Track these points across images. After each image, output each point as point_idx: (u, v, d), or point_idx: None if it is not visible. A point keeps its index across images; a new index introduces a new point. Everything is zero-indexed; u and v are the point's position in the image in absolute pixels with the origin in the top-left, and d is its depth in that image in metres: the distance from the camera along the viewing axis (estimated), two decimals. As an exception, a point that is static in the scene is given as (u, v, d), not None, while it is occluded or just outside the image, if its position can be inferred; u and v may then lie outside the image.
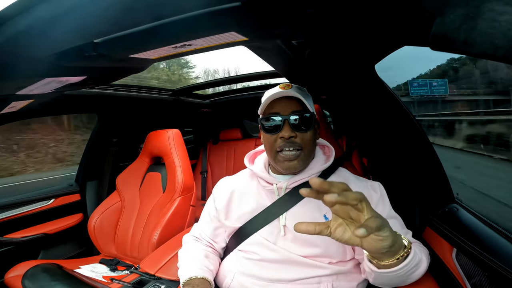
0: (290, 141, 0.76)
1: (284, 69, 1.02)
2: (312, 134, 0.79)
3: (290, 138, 0.76)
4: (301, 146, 0.77)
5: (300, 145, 0.77)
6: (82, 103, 1.56)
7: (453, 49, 0.33)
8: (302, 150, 0.77)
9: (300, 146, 0.77)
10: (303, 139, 0.77)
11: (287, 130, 0.76)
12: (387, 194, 0.82)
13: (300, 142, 0.77)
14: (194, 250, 0.88)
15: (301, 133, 0.77)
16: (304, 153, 0.78)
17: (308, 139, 0.78)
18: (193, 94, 2.28)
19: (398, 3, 0.40)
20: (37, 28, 0.45)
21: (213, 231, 0.91)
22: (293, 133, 0.76)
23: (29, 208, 1.57)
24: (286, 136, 0.76)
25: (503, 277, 0.64)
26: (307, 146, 0.78)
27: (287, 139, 0.76)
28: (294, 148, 0.76)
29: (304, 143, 0.77)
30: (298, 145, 0.77)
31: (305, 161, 0.80)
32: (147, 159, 1.66)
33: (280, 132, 0.77)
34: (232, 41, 0.58)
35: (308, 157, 0.80)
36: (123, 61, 0.69)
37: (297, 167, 0.78)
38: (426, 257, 0.72)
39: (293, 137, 0.76)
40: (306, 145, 0.78)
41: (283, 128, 0.77)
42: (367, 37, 0.64)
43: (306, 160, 0.80)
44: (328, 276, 0.73)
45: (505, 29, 0.25)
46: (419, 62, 7.26)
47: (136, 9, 0.42)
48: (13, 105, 0.92)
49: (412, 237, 0.77)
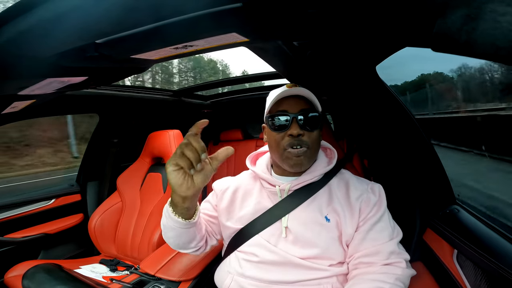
0: (298, 139, 0.77)
1: (285, 70, 1.02)
2: (318, 133, 0.80)
3: (298, 136, 0.77)
4: (308, 145, 0.77)
5: (307, 143, 0.77)
6: (84, 103, 1.56)
7: (455, 50, 0.33)
8: (309, 148, 0.78)
9: (307, 145, 0.77)
10: (310, 137, 0.78)
11: (295, 128, 0.77)
12: (388, 196, 0.81)
13: (307, 141, 0.77)
14: None
15: (308, 132, 0.78)
16: (310, 151, 0.78)
17: (314, 138, 0.79)
18: (194, 94, 2.28)
19: (400, 4, 0.40)
20: (39, 29, 0.45)
21: (213, 220, 0.94)
22: (301, 131, 0.77)
23: (30, 208, 1.57)
24: (294, 134, 0.76)
25: (504, 278, 0.64)
26: (313, 145, 0.79)
27: (295, 136, 0.76)
28: (302, 146, 0.77)
29: (311, 141, 0.78)
30: (306, 143, 0.77)
31: (310, 159, 0.80)
32: (148, 159, 1.66)
33: (289, 130, 0.77)
34: (233, 42, 0.58)
35: (313, 156, 0.81)
36: (125, 62, 0.69)
37: (303, 163, 0.78)
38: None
39: (301, 135, 0.77)
40: (313, 144, 0.78)
41: (292, 126, 0.77)
42: (368, 38, 0.64)
43: (311, 159, 0.80)
44: (327, 278, 0.73)
45: (506, 30, 0.25)
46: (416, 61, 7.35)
47: (138, 10, 0.42)
48: (15, 105, 0.92)
49: (400, 247, 0.75)
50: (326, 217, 0.77)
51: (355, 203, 0.77)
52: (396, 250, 0.73)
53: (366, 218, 0.75)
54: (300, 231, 0.76)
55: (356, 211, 0.76)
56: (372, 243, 0.72)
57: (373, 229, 0.74)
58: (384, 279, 0.67)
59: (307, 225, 0.77)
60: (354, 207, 0.76)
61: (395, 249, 0.72)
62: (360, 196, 0.78)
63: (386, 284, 0.66)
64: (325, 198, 0.79)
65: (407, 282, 0.71)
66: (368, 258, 0.71)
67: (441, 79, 7.42)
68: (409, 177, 1.13)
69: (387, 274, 0.68)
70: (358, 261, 0.72)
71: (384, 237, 0.73)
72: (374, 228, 0.74)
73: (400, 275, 0.69)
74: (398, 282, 0.67)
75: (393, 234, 0.75)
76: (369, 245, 0.72)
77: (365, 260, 0.71)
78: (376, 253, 0.71)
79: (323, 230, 0.75)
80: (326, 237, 0.75)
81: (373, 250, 0.72)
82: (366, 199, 0.77)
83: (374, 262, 0.71)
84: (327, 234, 0.75)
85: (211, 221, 0.94)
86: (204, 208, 0.96)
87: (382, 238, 0.73)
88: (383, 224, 0.75)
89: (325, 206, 0.78)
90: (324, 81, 1.04)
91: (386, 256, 0.71)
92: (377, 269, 0.69)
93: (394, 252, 0.72)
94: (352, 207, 0.76)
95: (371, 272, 0.69)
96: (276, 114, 0.80)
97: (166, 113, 2.24)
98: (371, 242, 0.73)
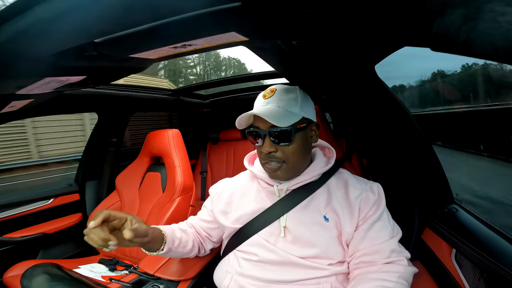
0: (271, 156, 0.76)
1: (284, 69, 1.02)
2: (296, 146, 0.77)
3: (270, 154, 0.76)
4: (283, 160, 0.76)
5: (281, 159, 0.76)
6: (83, 102, 1.55)
7: (453, 50, 0.33)
8: (285, 162, 0.77)
9: (282, 160, 0.76)
10: (285, 152, 0.76)
11: (266, 146, 0.76)
12: (387, 195, 0.82)
13: (280, 156, 0.76)
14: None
15: (283, 146, 0.76)
16: (287, 165, 0.77)
17: (290, 152, 0.76)
18: (193, 94, 2.28)
19: (399, 3, 0.40)
20: (37, 28, 0.45)
21: (208, 224, 0.97)
22: (273, 147, 0.76)
23: (28, 208, 1.56)
24: (265, 152, 0.76)
25: (502, 278, 0.64)
26: (289, 159, 0.77)
27: (267, 154, 0.76)
28: (276, 162, 0.76)
29: (286, 156, 0.76)
30: (279, 159, 0.76)
31: (290, 171, 0.79)
32: (146, 159, 1.66)
33: (262, 146, 0.77)
34: (232, 41, 0.58)
35: (294, 168, 0.79)
36: (123, 61, 0.69)
37: (280, 177, 0.79)
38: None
39: (273, 152, 0.76)
40: (289, 158, 0.77)
41: (264, 143, 0.77)
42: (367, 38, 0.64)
43: (292, 170, 0.79)
44: (327, 277, 0.73)
45: (505, 30, 0.25)
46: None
47: (137, 9, 0.42)
48: (13, 104, 0.91)
49: (401, 246, 0.75)
50: (325, 217, 0.77)
51: (355, 202, 0.77)
52: (397, 248, 0.73)
53: (365, 217, 0.75)
54: (299, 230, 0.77)
55: (355, 210, 0.76)
56: (372, 242, 0.73)
57: (372, 228, 0.74)
58: (387, 277, 0.67)
59: (306, 224, 0.77)
60: (353, 206, 0.76)
61: (396, 247, 0.73)
62: (359, 195, 0.78)
63: (389, 283, 0.66)
64: (323, 197, 0.79)
65: (410, 279, 0.71)
66: (369, 257, 0.71)
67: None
68: (407, 177, 1.13)
69: (389, 272, 0.68)
70: (359, 261, 0.72)
71: (384, 235, 0.73)
72: (374, 227, 0.74)
73: (402, 273, 0.69)
74: (401, 280, 0.67)
75: (393, 232, 0.75)
76: (370, 244, 0.73)
77: (366, 259, 0.71)
78: (376, 251, 0.71)
79: (322, 230, 0.75)
80: (325, 236, 0.75)
81: (373, 249, 0.72)
82: (365, 198, 0.77)
83: (375, 261, 0.71)
84: (326, 234, 0.75)
85: (207, 227, 0.96)
86: (200, 214, 1.01)
87: (382, 237, 0.73)
88: (382, 223, 0.76)
89: (324, 205, 0.78)
90: (323, 81, 1.04)
91: (387, 254, 0.71)
92: (378, 268, 0.70)
93: (394, 250, 0.72)
94: (351, 207, 0.77)
95: (373, 271, 0.69)
96: (251, 130, 0.80)
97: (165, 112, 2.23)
98: (371, 241, 0.73)
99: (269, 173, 0.80)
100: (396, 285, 0.66)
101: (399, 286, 0.67)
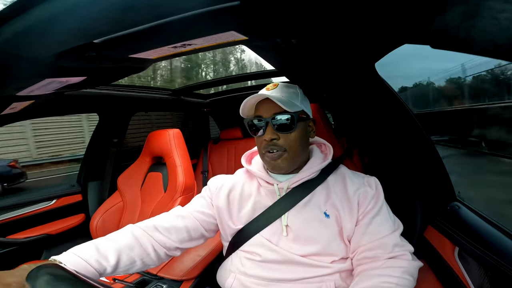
0: (273, 143, 0.77)
1: (284, 68, 1.02)
2: (297, 134, 0.78)
3: (272, 141, 0.77)
4: (285, 148, 0.77)
5: (283, 147, 0.77)
6: (83, 103, 1.56)
7: (453, 47, 0.33)
8: (287, 151, 0.77)
9: (284, 148, 0.77)
10: (287, 140, 0.77)
11: (268, 133, 0.77)
12: (388, 193, 0.81)
13: (282, 144, 0.77)
14: (131, 228, 0.79)
15: (285, 134, 0.77)
16: (288, 154, 0.78)
17: (292, 140, 0.77)
18: (193, 93, 2.28)
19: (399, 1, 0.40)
20: (37, 29, 0.45)
21: (202, 216, 0.88)
22: (275, 135, 0.77)
23: (32, 209, 1.58)
24: (267, 139, 0.77)
25: (506, 275, 0.64)
26: (291, 147, 0.78)
27: (269, 141, 0.77)
28: (278, 150, 0.77)
29: (288, 144, 0.77)
30: (281, 146, 0.77)
31: (291, 161, 0.79)
32: (148, 159, 1.66)
33: (263, 135, 0.78)
34: (232, 41, 0.58)
35: (295, 158, 0.79)
36: (123, 61, 0.69)
37: (282, 166, 0.78)
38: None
39: (275, 139, 0.77)
40: (291, 146, 0.77)
41: (266, 131, 0.78)
42: (367, 36, 0.64)
43: (292, 160, 0.79)
44: (330, 275, 0.73)
45: (505, 27, 0.25)
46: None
47: (136, 9, 0.42)
48: (14, 106, 0.92)
49: (403, 240, 0.74)
50: (325, 213, 0.77)
51: (353, 197, 0.77)
52: (399, 242, 0.73)
53: (365, 211, 0.75)
54: (301, 228, 0.77)
55: (354, 205, 0.76)
56: (374, 237, 0.72)
57: (373, 223, 0.74)
58: (390, 273, 0.67)
59: (307, 222, 0.77)
60: (352, 201, 0.76)
61: (398, 241, 0.73)
62: (357, 190, 0.78)
63: (393, 278, 0.65)
64: (323, 194, 0.79)
65: (416, 274, 0.70)
66: (372, 252, 0.71)
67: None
68: (409, 174, 1.13)
69: (393, 268, 0.68)
70: (361, 256, 0.72)
71: (385, 230, 0.73)
72: (374, 221, 0.74)
73: (406, 267, 0.68)
74: (405, 275, 0.67)
75: (394, 226, 0.75)
76: (371, 239, 0.72)
77: (369, 255, 0.71)
78: (379, 246, 0.71)
79: (323, 226, 0.75)
80: (326, 232, 0.75)
81: (375, 244, 0.72)
82: (363, 192, 0.77)
83: (378, 256, 0.70)
84: (327, 230, 0.75)
85: (203, 219, 0.87)
86: (197, 204, 0.90)
87: (383, 231, 0.73)
88: (382, 217, 0.75)
89: (324, 201, 0.78)
90: (323, 79, 1.03)
91: (389, 249, 0.71)
92: (382, 263, 0.69)
93: (397, 244, 0.72)
94: (350, 201, 0.77)
95: (376, 267, 0.69)
96: (252, 119, 0.81)
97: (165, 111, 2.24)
98: (373, 236, 0.73)
99: (269, 163, 0.80)
100: (400, 280, 0.65)
101: (404, 282, 0.66)
